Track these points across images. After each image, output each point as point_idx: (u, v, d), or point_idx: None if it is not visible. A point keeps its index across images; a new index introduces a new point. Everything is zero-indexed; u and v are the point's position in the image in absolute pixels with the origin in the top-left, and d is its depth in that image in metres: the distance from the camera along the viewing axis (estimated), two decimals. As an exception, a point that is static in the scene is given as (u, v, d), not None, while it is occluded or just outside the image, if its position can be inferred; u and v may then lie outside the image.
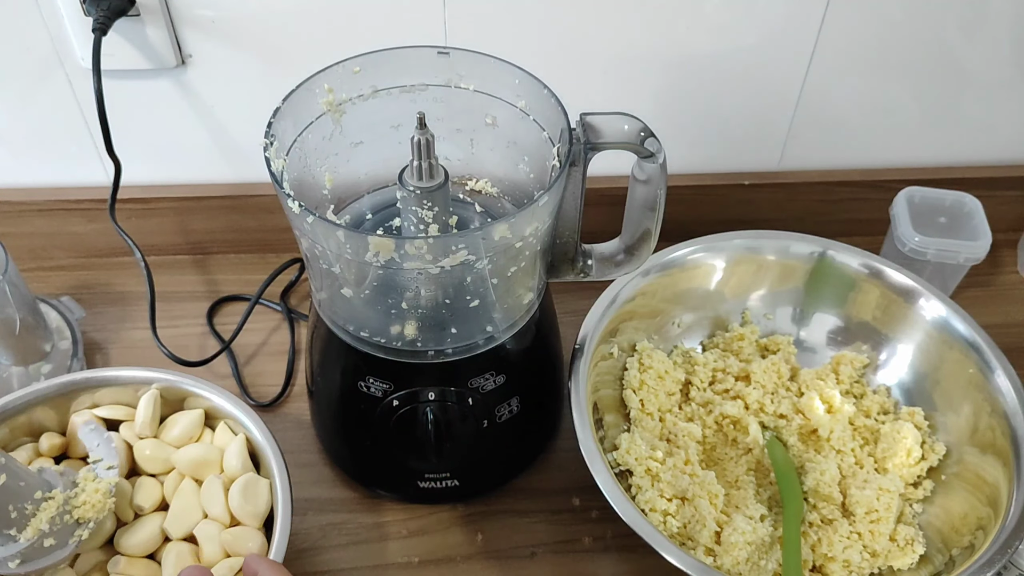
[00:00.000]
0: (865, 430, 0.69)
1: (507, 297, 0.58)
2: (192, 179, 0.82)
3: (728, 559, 0.59)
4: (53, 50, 0.72)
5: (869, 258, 0.71)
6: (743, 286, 0.74)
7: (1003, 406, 0.62)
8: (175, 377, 0.61)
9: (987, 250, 0.76)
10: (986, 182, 0.85)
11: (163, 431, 0.61)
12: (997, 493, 0.60)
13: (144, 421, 0.60)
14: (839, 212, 0.87)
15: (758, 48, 0.76)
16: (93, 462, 0.57)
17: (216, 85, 0.76)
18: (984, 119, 0.84)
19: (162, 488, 0.59)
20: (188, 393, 0.62)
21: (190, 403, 0.63)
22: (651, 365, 0.70)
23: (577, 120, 0.54)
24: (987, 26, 0.76)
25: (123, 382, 0.62)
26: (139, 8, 0.69)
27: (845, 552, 0.61)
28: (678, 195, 0.74)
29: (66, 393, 0.61)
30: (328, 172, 0.60)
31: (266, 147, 0.52)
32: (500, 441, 0.63)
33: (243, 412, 0.60)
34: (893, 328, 0.71)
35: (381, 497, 0.67)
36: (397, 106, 0.59)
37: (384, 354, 0.58)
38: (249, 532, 0.56)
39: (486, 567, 0.64)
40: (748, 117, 0.81)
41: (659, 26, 0.73)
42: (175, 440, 0.60)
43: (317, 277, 0.58)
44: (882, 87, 0.80)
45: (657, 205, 0.58)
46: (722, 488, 0.63)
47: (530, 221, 0.52)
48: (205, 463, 0.59)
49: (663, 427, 0.68)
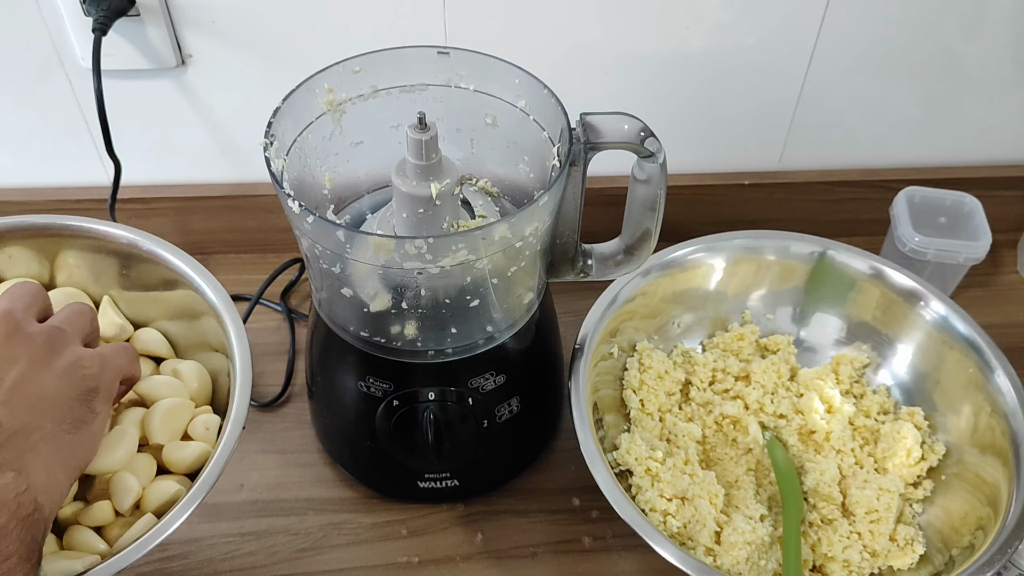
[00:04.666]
0: (865, 430, 0.69)
1: (507, 297, 0.58)
2: (192, 179, 0.82)
3: (728, 559, 0.59)
4: (53, 50, 0.72)
5: (869, 258, 0.71)
6: (743, 286, 0.74)
7: (1003, 406, 0.62)
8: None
9: (987, 250, 0.76)
10: (986, 182, 0.85)
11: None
12: (997, 493, 0.60)
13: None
14: (839, 212, 0.87)
15: (758, 48, 0.76)
16: None
17: (216, 85, 0.76)
18: (984, 119, 0.84)
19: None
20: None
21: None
22: (651, 365, 0.70)
23: (577, 120, 0.54)
24: (987, 26, 0.76)
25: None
26: (139, 8, 0.69)
27: (845, 552, 0.61)
28: (678, 195, 0.74)
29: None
30: (328, 172, 0.60)
31: (266, 147, 0.52)
32: (500, 441, 0.63)
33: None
34: (893, 328, 0.71)
35: (381, 497, 0.67)
36: (397, 106, 0.59)
37: (384, 354, 0.58)
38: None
39: (486, 567, 0.64)
40: (748, 117, 0.81)
41: (659, 26, 0.73)
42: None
43: (317, 277, 0.58)
44: (882, 87, 0.80)
45: (657, 205, 0.58)
46: (722, 488, 0.63)
47: (530, 221, 0.52)
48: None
49: (663, 427, 0.68)
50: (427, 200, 0.54)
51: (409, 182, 0.54)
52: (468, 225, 0.58)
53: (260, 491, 0.68)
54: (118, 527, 0.53)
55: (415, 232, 0.56)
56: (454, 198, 0.56)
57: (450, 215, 0.56)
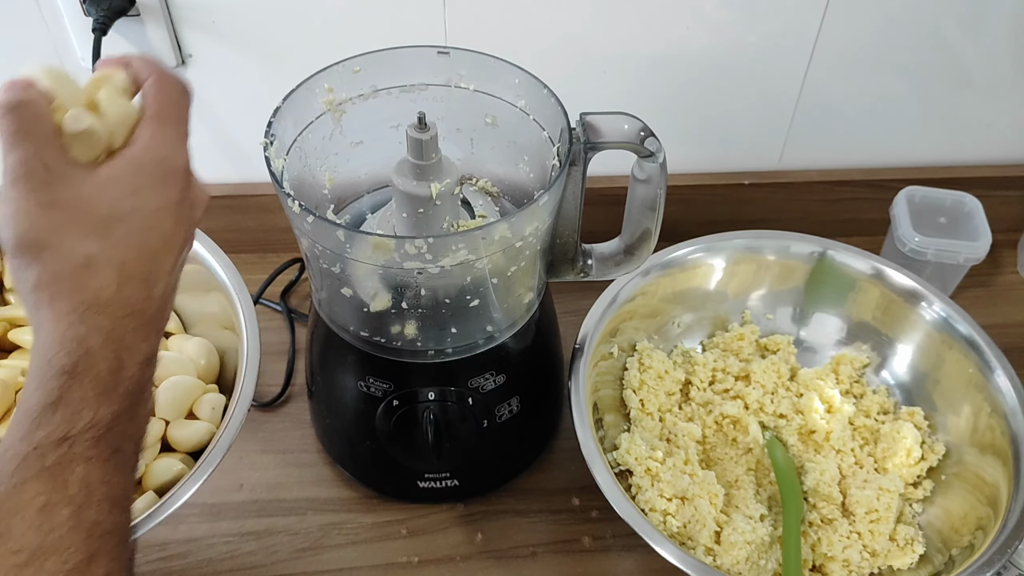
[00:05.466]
0: (865, 430, 0.69)
1: (507, 297, 0.58)
2: (192, 179, 0.82)
3: (728, 559, 0.59)
4: (53, 50, 0.72)
5: (869, 258, 0.71)
6: (743, 286, 0.74)
7: (1003, 406, 0.62)
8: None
9: (987, 250, 0.76)
10: (986, 182, 0.85)
11: None
12: (997, 493, 0.60)
13: None
14: (839, 212, 0.87)
15: (758, 47, 0.76)
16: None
17: (216, 85, 0.76)
18: (984, 119, 0.84)
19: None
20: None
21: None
22: (651, 365, 0.70)
23: (577, 120, 0.54)
24: (987, 25, 0.76)
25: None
26: (139, 8, 0.69)
27: (845, 552, 0.61)
28: (678, 195, 0.74)
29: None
30: (328, 172, 0.60)
31: (266, 147, 0.52)
32: (500, 441, 0.63)
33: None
34: (893, 328, 0.71)
35: (381, 497, 0.67)
36: (397, 106, 0.59)
37: (384, 354, 0.58)
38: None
39: (486, 567, 0.64)
40: (748, 117, 0.81)
41: (659, 26, 0.73)
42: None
43: (317, 277, 0.58)
44: (882, 86, 0.80)
45: (657, 205, 0.58)
46: (722, 488, 0.63)
47: (530, 221, 0.52)
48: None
49: (663, 427, 0.68)
50: (427, 200, 0.54)
51: (409, 182, 0.54)
52: (468, 225, 0.58)
53: (260, 491, 0.68)
54: None
55: (415, 232, 0.56)
56: (454, 198, 0.56)
57: (450, 215, 0.56)
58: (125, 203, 0.37)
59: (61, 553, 0.31)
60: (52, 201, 0.36)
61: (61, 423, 0.33)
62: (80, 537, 0.32)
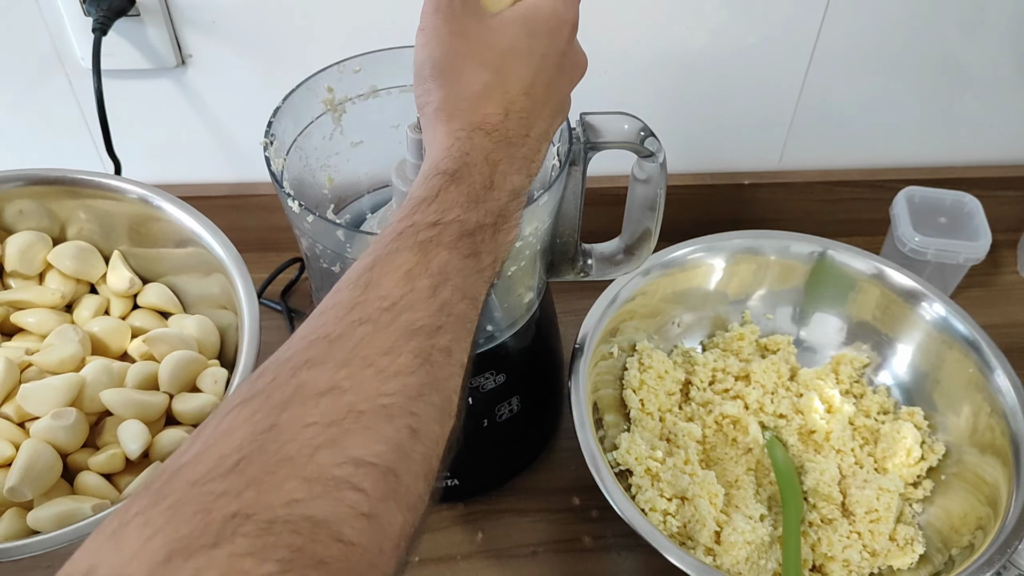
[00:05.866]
0: (865, 430, 0.69)
1: (507, 296, 0.58)
2: (192, 179, 0.82)
3: (728, 559, 0.59)
4: (53, 50, 0.72)
5: (869, 258, 0.71)
6: (743, 286, 0.74)
7: (1003, 406, 0.62)
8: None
9: (987, 250, 0.76)
10: (986, 182, 0.85)
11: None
12: (997, 493, 0.60)
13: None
14: (839, 212, 0.87)
15: (758, 48, 0.76)
16: None
17: (216, 85, 0.76)
18: (984, 119, 0.84)
19: None
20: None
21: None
22: (651, 365, 0.70)
23: (577, 120, 0.54)
24: (987, 26, 0.76)
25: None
26: (139, 8, 0.69)
27: (845, 552, 0.61)
28: (678, 195, 0.74)
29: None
30: (328, 172, 0.60)
31: (266, 147, 0.52)
32: (500, 440, 0.63)
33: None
34: (893, 328, 0.71)
35: (381, 497, 0.67)
36: (397, 106, 0.59)
37: (384, 354, 0.57)
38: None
39: (486, 566, 0.64)
40: (748, 117, 0.81)
41: (659, 26, 0.73)
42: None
43: (317, 277, 0.58)
44: (882, 87, 0.80)
45: (657, 205, 0.58)
46: (722, 488, 0.63)
47: (530, 221, 0.52)
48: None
49: (663, 427, 0.68)
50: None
51: (409, 182, 0.54)
52: (468, 225, 0.58)
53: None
54: (128, 476, 0.55)
55: (415, 232, 0.56)
56: (454, 198, 0.56)
57: (450, 215, 0.56)
58: (521, 43, 0.43)
59: (416, 311, 0.35)
60: (463, 32, 0.43)
61: (434, 212, 0.38)
62: (433, 307, 0.35)
